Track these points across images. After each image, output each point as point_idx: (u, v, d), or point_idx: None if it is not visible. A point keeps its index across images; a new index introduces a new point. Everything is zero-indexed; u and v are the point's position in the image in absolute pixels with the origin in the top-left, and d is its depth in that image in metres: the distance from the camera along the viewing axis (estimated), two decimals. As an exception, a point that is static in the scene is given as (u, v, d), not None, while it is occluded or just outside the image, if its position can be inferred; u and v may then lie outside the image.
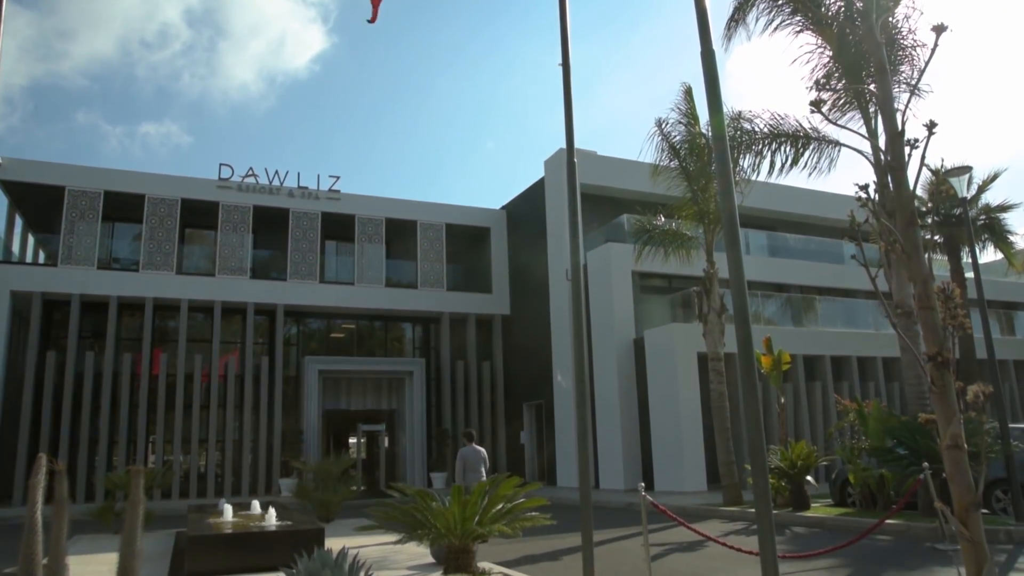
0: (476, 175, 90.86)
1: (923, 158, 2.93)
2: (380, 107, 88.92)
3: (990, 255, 25.22)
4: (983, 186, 22.06)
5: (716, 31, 15.55)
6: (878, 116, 13.37)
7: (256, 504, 12.71)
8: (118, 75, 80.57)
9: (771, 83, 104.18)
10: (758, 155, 15.27)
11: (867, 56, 12.69)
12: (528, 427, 26.01)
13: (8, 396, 21.35)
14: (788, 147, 15.06)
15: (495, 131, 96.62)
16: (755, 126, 15.23)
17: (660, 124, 17.45)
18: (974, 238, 15.31)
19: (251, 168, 24.68)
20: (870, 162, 13.29)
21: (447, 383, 26.06)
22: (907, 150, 2.89)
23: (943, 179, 12.22)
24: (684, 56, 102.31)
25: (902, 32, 13.65)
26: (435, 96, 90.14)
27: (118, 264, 24.20)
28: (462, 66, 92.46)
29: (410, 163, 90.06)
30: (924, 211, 18.88)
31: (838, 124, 5.36)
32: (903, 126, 2.96)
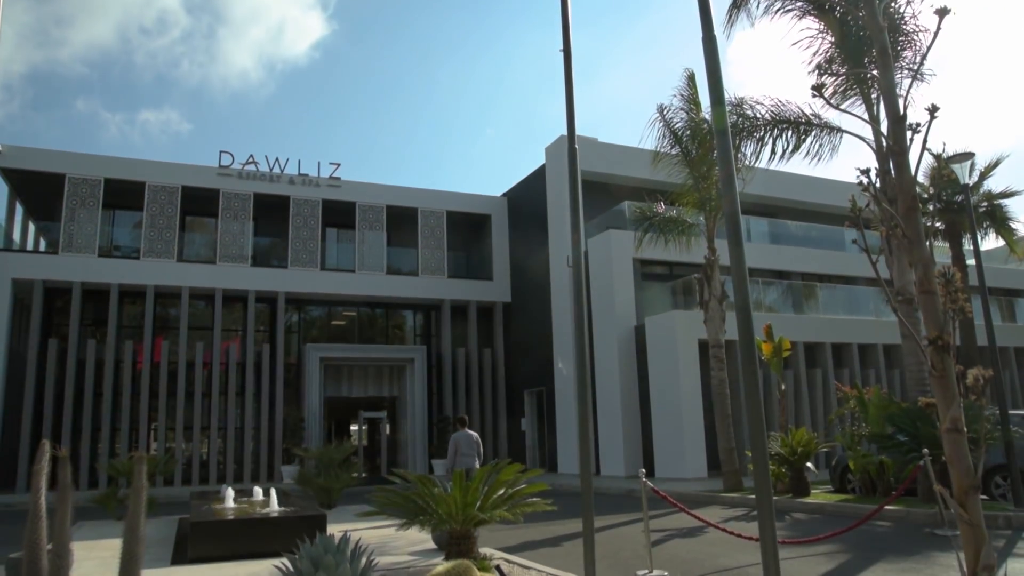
0: (477, 162, 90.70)
1: (925, 142, 2.92)
2: (380, 94, 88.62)
3: (991, 242, 25.21)
4: (985, 172, 21.99)
5: (718, 17, 15.47)
6: (880, 102, 13.32)
7: (258, 490, 12.77)
8: (117, 62, 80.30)
9: (772, 70, 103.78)
10: (759, 142, 15.22)
11: (869, 41, 12.65)
12: (529, 414, 26.08)
13: (10, 384, 21.41)
14: (790, 133, 15.01)
15: (496, 118, 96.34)
16: (757, 112, 15.17)
17: (662, 110, 17.39)
18: (976, 225, 15.27)
19: (251, 155, 24.65)
20: (872, 148, 13.25)
21: (448, 370, 26.11)
22: (909, 134, 2.88)
23: (945, 164, 12.19)
24: (686, 43, 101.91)
25: (904, 17, 13.58)
26: (436, 82, 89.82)
27: (119, 252, 24.20)
28: (463, 52, 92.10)
29: (410, 150, 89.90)
30: (926, 198, 18.82)
31: (840, 108, 5.35)
32: (905, 110, 2.95)
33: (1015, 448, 11.17)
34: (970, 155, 12.71)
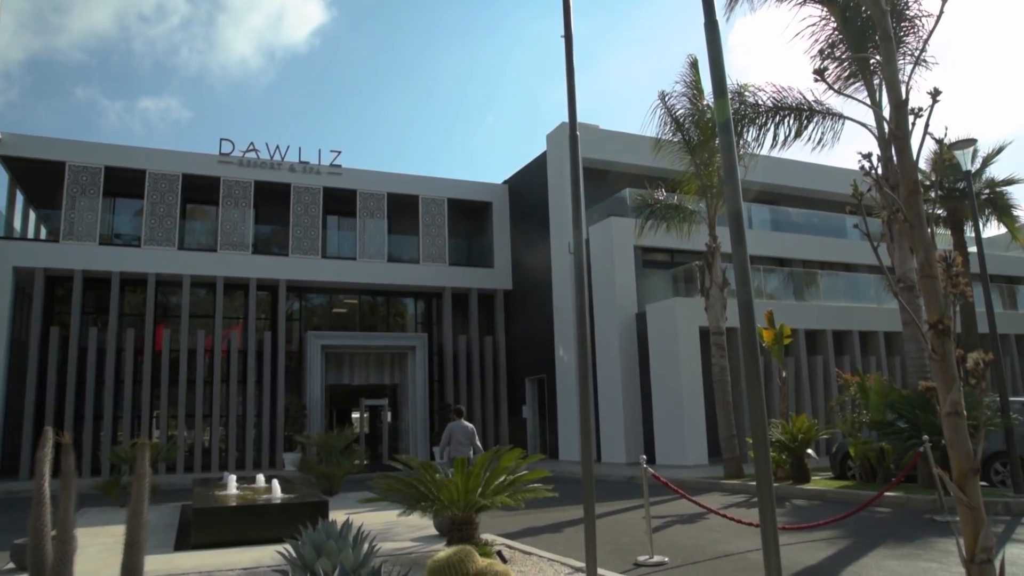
0: (478, 150, 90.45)
1: (927, 126, 2.91)
2: (381, 81, 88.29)
3: (993, 229, 25.16)
4: (988, 159, 21.88)
5: (719, 2, 15.37)
6: (882, 89, 13.27)
7: (260, 477, 12.82)
8: (116, 49, 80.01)
9: (774, 57, 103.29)
10: (761, 128, 15.17)
11: (872, 28, 12.58)
12: (530, 401, 26.14)
13: (13, 372, 21.48)
14: (791, 120, 14.97)
15: (497, 105, 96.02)
16: (758, 99, 15.11)
17: (663, 97, 17.33)
18: (977, 212, 15.23)
19: (252, 143, 24.59)
20: (873, 135, 13.22)
21: (449, 358, 26.15)
22: (911, 119, 2.87)
23: (947, 149, 12.15)
24: (687, 30, 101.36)
25: (908, 2, 13.52)
26: (437, 69, 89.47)
27: (120, 240, 24.20)
28: (464, 39, 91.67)
29: (411, 138, 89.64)
30: (927, 185, 18.78)
31: (842, 93, 5.33)
32: (907, 95, 2.94)
33: (1015, 435, 11.21)
34: (972, 141, 12.68)
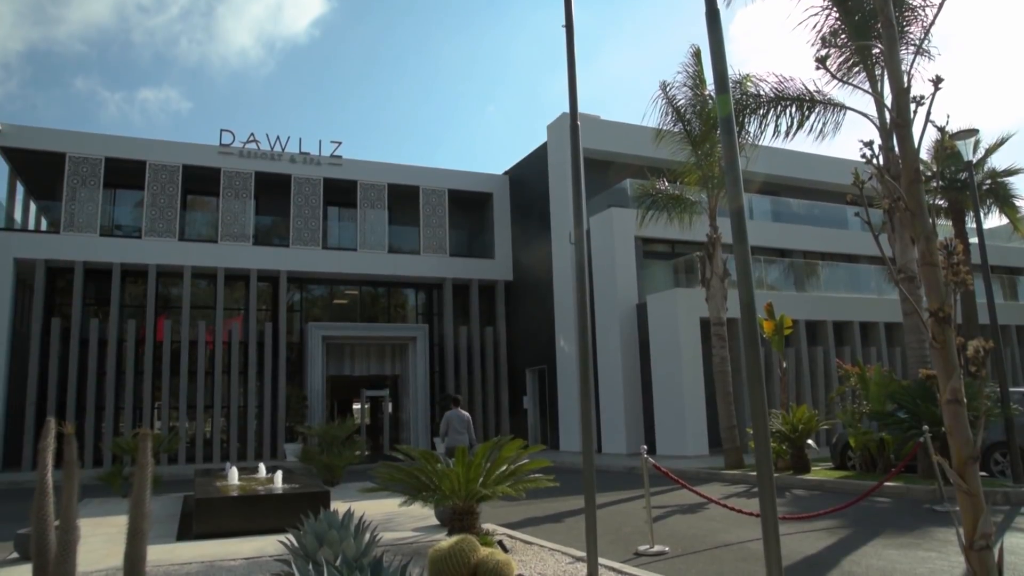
0: (479, 140, 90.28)
1: (928, 114, 2.91)
2: (381, 71, 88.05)
3: (995, 220, 25.12)
4: (991, 150, 21.81)
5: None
6: (883, 78, 13.23)
7: (262, 468, 12.87)
8: (115, 40, 79.77)
9: (775, 47, 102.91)
10: (763, 119, 15.13)
11: (874, 16, 12.53)
12: (531, 393, 26.19)
13: (14, 363, 21.51)
14: (793, 110, 14.93)
15: (498, 96, 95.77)
16: (760, 90, 15.07)
17: (664, 87, 17.27)
18: (979, 203, 15.21)
19: (252, 134, 24.56)
20: (875, 125, 13.18)
21: (450, 349, 26.18)
22: (913, 107, 2.86)
23: (948, 138, 12.13)
24: (689, 20, 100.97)
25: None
26: (437, 60, 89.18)
27: (120, 231, 24.19)
28: (463, 29, 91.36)
29: (412, 128, 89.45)
30: (929, 176, 18.73)
31: (843, 81, 5.32)
32: (909, 82, 2.93)
33: (1015, 425, 11.23)
34: (974, 131, 12.64)
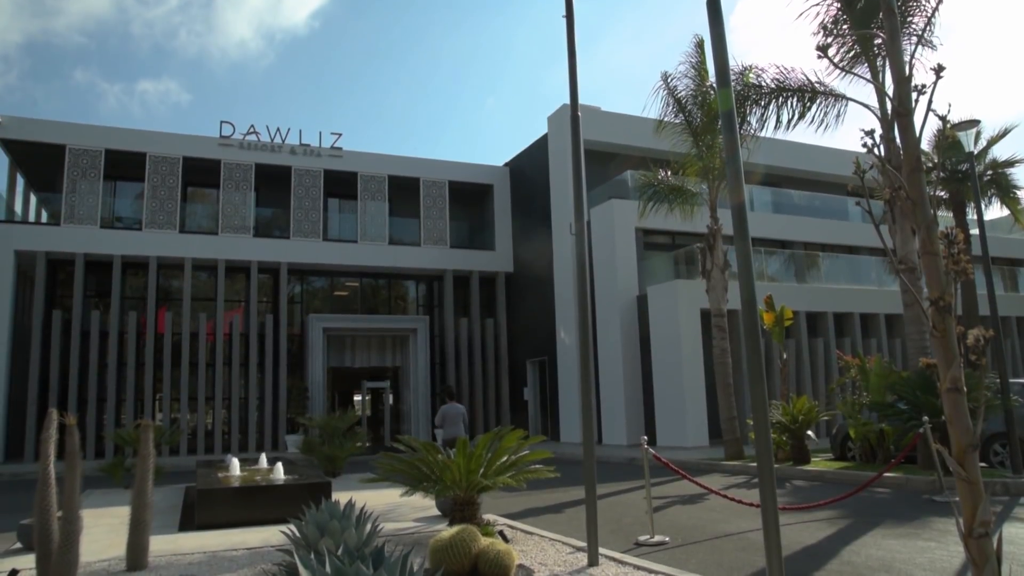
0: (479, 132, 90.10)
1: (930, 103, 2.90)
2: (381, 63, 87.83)
3: (996, 211, 25.08)
4: (992, 141, 21.75)
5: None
6: (885, 69, 13.19)
7: (263, 459, 12.89)
8: (114, 32, 79.56)
9: (776, 38, 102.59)
10: (765, 110, 15.09)
11: (876, 5, 12.47)
12: (531, 384, 26.22)
13: (16, 355, 21.54)
14: (794, 101, 14.88)
15: (499, 88, 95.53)
16: (762, 81, 15.02)
17: (666, 78, 17.21)
18: (980, 194, 15.18)
19: (252, 125, 24.53)
20: (876, 116, 13.14)
21: (451, 340, 26.19)
22: (914, 96, 2.86)
23: (950, 128, 12.11)
24: (690, 11, 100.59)
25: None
26: (436, 51, 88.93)
27: (121, 223, 24.17)
28: (463, 20, 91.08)
29: (412, 120, 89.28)
30: (930, 167, 18.69)
31: (845, 70, 5.31)
32: (911, 72, 2.92)
33: (1014, 416, 11.24)
34: (975, 122, 12.62)
